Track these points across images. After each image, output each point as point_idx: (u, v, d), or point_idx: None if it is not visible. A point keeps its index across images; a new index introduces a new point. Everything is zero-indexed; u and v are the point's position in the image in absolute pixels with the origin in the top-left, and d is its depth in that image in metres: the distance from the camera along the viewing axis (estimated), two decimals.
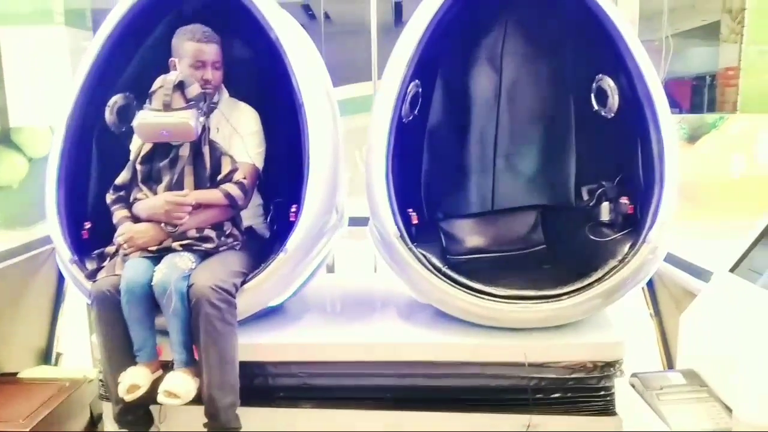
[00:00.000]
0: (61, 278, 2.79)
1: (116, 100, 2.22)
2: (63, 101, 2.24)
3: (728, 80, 3.48)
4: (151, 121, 1.98)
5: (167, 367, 1.95)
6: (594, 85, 2.25)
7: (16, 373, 2.53)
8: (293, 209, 2.07)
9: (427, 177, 2.53)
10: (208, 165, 2.04)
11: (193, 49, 2.10)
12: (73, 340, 2.89)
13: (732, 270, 1.55)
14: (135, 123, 1.99)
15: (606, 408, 1.99)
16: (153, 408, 2.01)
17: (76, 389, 2.41)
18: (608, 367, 1.99)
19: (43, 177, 2.17)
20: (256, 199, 2.27)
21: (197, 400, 1.89)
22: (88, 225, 2.16)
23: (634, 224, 2.06)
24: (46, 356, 2.78)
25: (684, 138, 3.40)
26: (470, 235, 2.53)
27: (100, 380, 2.13)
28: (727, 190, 3.23)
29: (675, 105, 4.64)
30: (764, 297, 1.37)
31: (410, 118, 2.25)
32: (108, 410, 2.07)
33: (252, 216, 2.25)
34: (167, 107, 1.97)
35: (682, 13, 4.32)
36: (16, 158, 3.36)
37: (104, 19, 2.25)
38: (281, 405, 2.10)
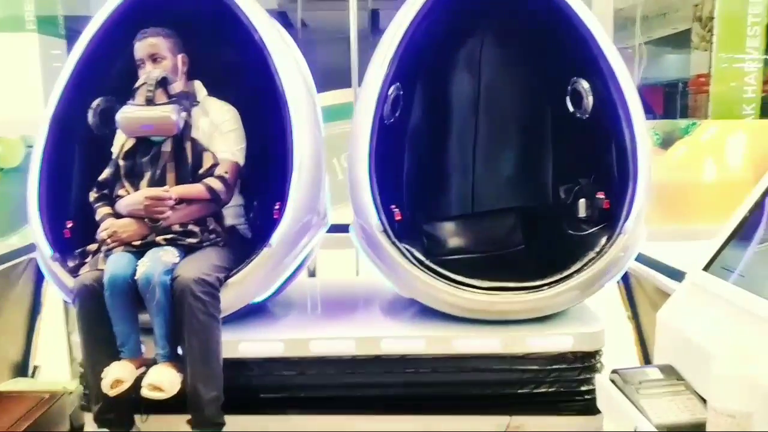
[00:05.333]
0: (37, 290, 2.82)
1: (99, 102, 2.31)
2: (35, 110, 2.31)
3: (700, 87, 3.68)
4: (134, 115, 2.06)
5: (149, 364, 1.98)
6: (569, 87, 2.38)
7: None
8: (277, 206, 2.15)
9: (408, 179, 2.63)
10: (189, 160, 2.12)
11: (134, 52, 2.21)
12: (51, 353, 2.89)
13: (705, 268, 1.66)
14: (118, 117, 2.07)
15: (587, 406, 2.09)
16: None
17: (56, 401, 2.40)
18: (589, 358, 2.12)
19: (16, 188, 2.23)
20: (238, 199, 2.34)
21: (181, 396, 1.94)
22: (70, 224, 2.21)
23: (610, 218, 2.18)
24: (22, 369, 2.76)
25: (657, 144, 3.56)
26: (451, 236, 2.62)
27: (82, 385, 2.17)
28: (699, 195, 3.40)
29: (648, 111, 4.88)
30: (735, 293, 1.49)
31: (392, 120, 2.36)
32: (89, 421, 2.11)
33: (234, 216, 2.32)
34: (150, 102, 2.06)
35: (654, 22, 4.55)
36: None
37: (77, 27, 2.32)
38: (266, 411, 2.17)
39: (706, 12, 3.68)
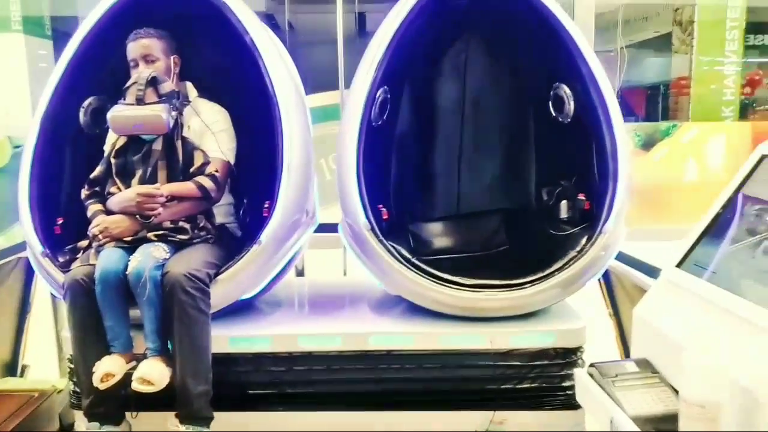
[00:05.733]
0: (26, 290, 2.86)
1: (90, 101, 2.36)
2: (21, 111, 2.34)
3: (681, 89, 3.79)
4: (125, 114, 2.12)
5: (140, 359, 2.03)
6: (551, 92, 2.47)
7: None
8: (266, 205, 2.21)
9: (396, 181, 2.70)
10: (180, 159, 2.18)
11: (126, 52, 2.27)
12: (39, 353, 2.94)
13: (678, 265, 1.73)
14: (109, 116, 2.13)
15: (569, 401, 2.17)
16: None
17: (45, 400, 2.45)
18: (570, 354, 2.20)
19: (3, 188, 2.27)
20: (228, 198, 2.39)
21: (171, 391, 1.99)
22: (60, 221, 2.26)
23: (591, 219, 2.26)
24: (11, 369, 2.81)
25: (638, 145, 3.66)
26: (437, 237, 2.70)
27: (71, 380, 2.21)
28: (680, 196, 3.49)
29: (630, 113, 4.98)
30: (706, 288, 1.55)
31: (379, 122, 2.43)
32: (79, 419, 2.16)
33: (224, 214, 2.37)
34: (140, 102, 2.11)
35: (636, 25, 4.66)
36: None
37: (63, 27, 2.36)
38: (254, 408, 2.23)
39: (686, 16, 3.78)
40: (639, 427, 1.37)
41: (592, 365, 1.63)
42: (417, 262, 2.20)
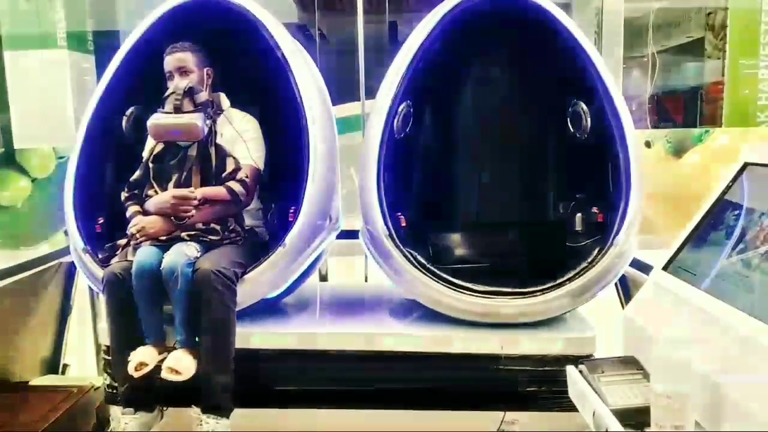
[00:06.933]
0: (67, 294, 3.12)
1: (132, 111, 2.62)
2: (65, 123, 2.63)
3: (718, 94, 3.74)
4: (163, 122, 2.36)
5: (171, 351, 2.25)
6: (570, 109, 2.64)
7: (27, 382, 2.85)
8: (292, 210, 2.42)
9: (417, 192, 2.90)
10: (213, 164, 2.41)
11: (164, 65, 2.51)
12: (79, 352, 3.21)
13: (664, 268, 1.86)
14: (148, 123, 2.36)
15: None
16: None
17: (83, 395, 2.69)
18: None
19: (48, 197, 2.55)
20: (257, 204, 2.61)
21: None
22: (101, 220, 2.51)
23: (603, 230, 2.42)
24: (53, 367, 3.08)
25: (670, 152, 3.65)
26: (456, 247, 2.87)
27: (106, 372, 2.46)
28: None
29: (668, 119, 4.97)
30: (687, 290, 1.68)
31: (402, 135, 2.63)
32: (114, 413, 2.40)
33: (253, 218, 2.59)
34: (177, 110, 2.36)
35: (668, 31, 4.70)
36: (21, 179, 3.69)
37: (105, 43, 2.65)
38: (271, 404, 2.45)
39: (718, 21, 3.78)
40: (618, 419, 1.52)
41: (581, 362, 1.81)
42: (432, 268, 2.37)
